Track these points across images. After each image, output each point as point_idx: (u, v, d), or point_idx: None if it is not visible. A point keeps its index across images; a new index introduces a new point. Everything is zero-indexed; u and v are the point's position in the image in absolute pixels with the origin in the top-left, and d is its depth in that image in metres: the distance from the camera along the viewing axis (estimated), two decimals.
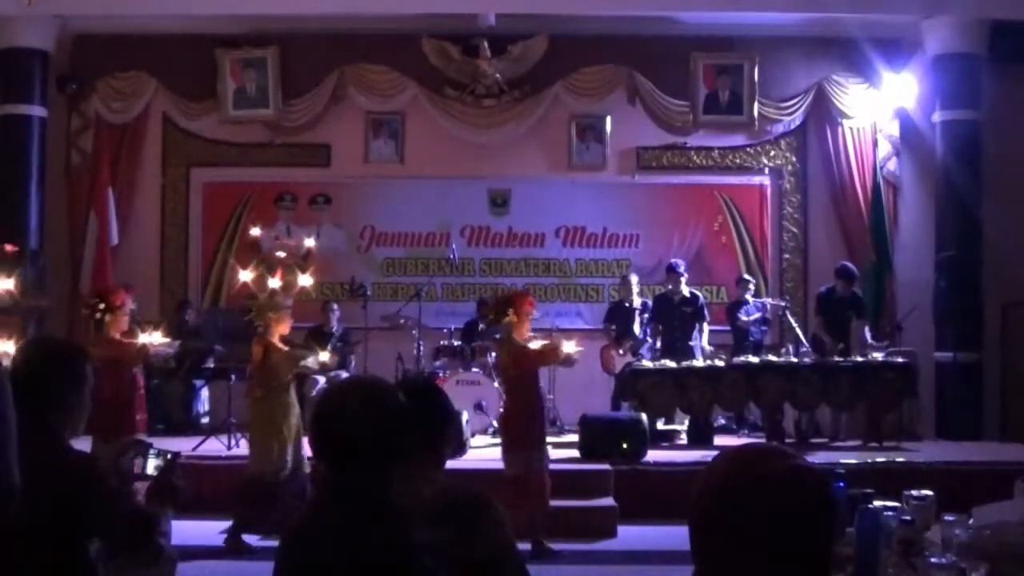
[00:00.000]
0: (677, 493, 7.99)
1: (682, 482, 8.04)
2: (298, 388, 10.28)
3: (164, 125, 12.38)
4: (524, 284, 12.27)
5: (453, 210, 12.32)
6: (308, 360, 7.87)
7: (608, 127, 12.29)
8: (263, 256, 8.08)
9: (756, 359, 10.11)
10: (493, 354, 9.62)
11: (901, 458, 9.26)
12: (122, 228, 12.09)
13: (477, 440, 9.98)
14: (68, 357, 2.89)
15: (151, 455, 2.85)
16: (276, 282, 7.78)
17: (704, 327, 10.61)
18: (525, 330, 7.37)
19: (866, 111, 12.03)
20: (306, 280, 8.01)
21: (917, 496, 3.09)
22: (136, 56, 12.02)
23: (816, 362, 9.95)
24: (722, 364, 9.94)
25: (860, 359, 9.94)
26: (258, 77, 11.94)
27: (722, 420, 10.94)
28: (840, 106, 12.06)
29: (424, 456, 2.58)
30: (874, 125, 12.08)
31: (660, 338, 10.43)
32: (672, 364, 9.86)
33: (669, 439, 10.20)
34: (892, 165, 12.11)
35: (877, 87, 11.95)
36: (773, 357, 10.24)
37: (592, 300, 12.22)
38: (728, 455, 1.67)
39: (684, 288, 10.62)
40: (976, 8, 11.22)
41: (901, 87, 11.87)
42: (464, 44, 11.97)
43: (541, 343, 7.50)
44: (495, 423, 10.57)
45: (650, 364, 9.93)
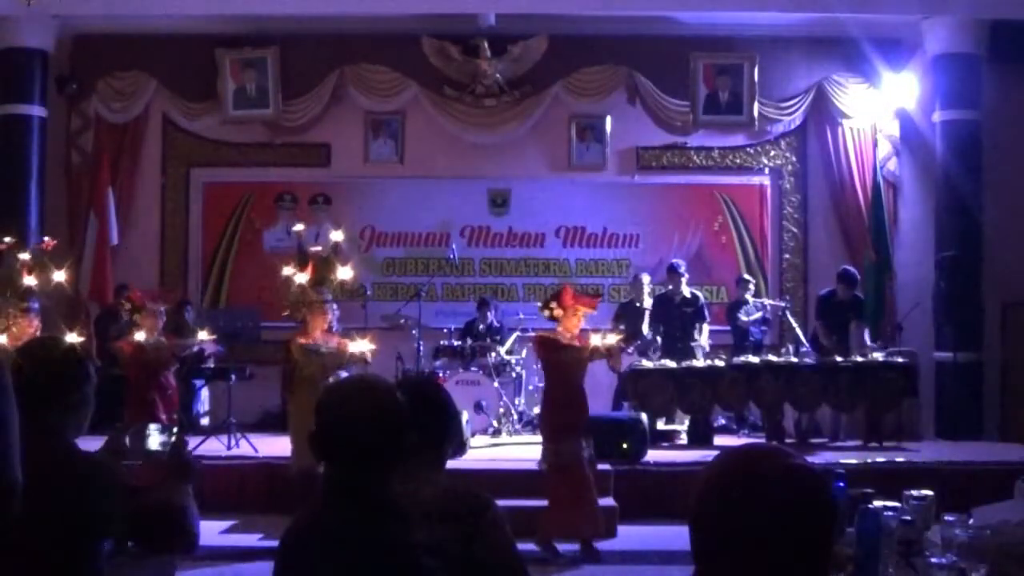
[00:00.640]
0: (677, 493, 8.06)
1: (682, 482, 8.09)
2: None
3: (164, 125, 12.38)
4: (524, 284, 12.30)
5: (453, 210, 12.32)
6: (352, 353, 7.77)
7: (608, 127, 12.29)
8: (304, 252, 8.05)
9: (756, 359, 10.12)
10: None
11: (901, 458, 9.26)
12: (122, 228, 12.09)
13: (477, 440, 9.98)
14: (71, 356, 2.90)
15: (154, 431, 2.87)
16: (303, 277, 7.77)
17: (704, 327, 10.61)
18: (572, 324, 7.40)
19: (866, 111, 12.03)
20: (346, 273, 7.93)
21: (917, 496, 3.08)
22: (136, 56, 12.03)
23: (816, 362, 9.95)
24: (722, 364, 9.95)
25: (860, 359, 9.95)
26: (258, 77, 11.94)
27: (722, 420, 10.94)
28: (840, 106, 12.06)
29: (424, 456, 2.58)
30: (874, 125, 12.08)
31: (660, 338, 10.43)
32: (672, 364, 9.87)
33: (669, 439, 10.20)
34: (892, 165, 12.12)
35: (877, 87, 11.96)
36: (773, 357, 10.24)
37: None
38: (728, 455, 1.67)
39: (684, 288, 10.62)
40: (976, 8, 11.21)
41: (901, 87, 11.88)
42: (464, 44, 11.97)
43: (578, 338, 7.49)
44: (495, 423, 10.59)
45: (650, 364, 9.93)
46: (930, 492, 3.11)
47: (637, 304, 10.84)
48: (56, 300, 8.29)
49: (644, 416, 9.38)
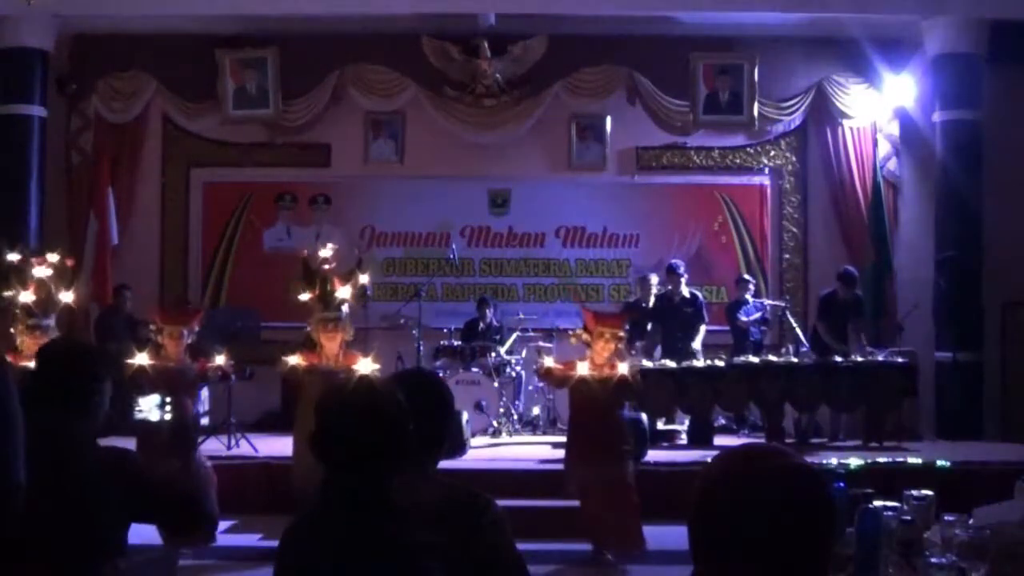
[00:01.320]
0: (677, 493, 8.03)
1: (682, 482, 8.06)
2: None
3: (164, 125, 12.39)
4: (524, 284, 12.30)
5: (453, 210, 12.32)
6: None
7: (608, 127, 12.29)
8: (312, 271, 7.93)
9: (756, 359, 10.12)
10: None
11: (901, 458, 9.26)
12: (122, 228, 12.10)
13: (477, 440, 9.98)
14: (91, 357, 2.99)
15: (152, 404, 2.99)
16: (305, 296, 7.68)
17: (702, 328, 10.60)
18: (602, 348, 7.25)
19: (866, 111, 12.03)
20: (344, 293, 7.80)
21: (917, 496, 3.08)
22: (136, 56, 12.02)
23: (816, 362, 9.96)
24: (722, 364, 9.95)
25: (860, 359, 9.95)
26: (258, 77, 11.94)
27: (722, 420, 10.93)
28: (840, 106, 12.05)
29: (424, 455, 2.58)
30: (874, 125, 12.08)
31: (660, 338, 10.43)
32: (672, 364, 9.87)
33: (669, 439, 10.20)
34: (892, 165, 12.12)
35: (877, 87, 11.95)
36: (773, 357, 10.24)
37: (592, 300, 12.18)
38: (728, 455, 1.68)
39: (684, 288, 10.62)
40: (976, 8, 11.21)
41: (901, 87, 11.87)
42: (464, 44, 11.97)
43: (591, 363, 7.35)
44: (495, 423, 10.59)
45: (650, 364, 9.93)
46: (930, 492, 3.11)
47: (644, 304, 10.82)
48: (60, 320, 8.20)
49: (644, 416, 9.38)
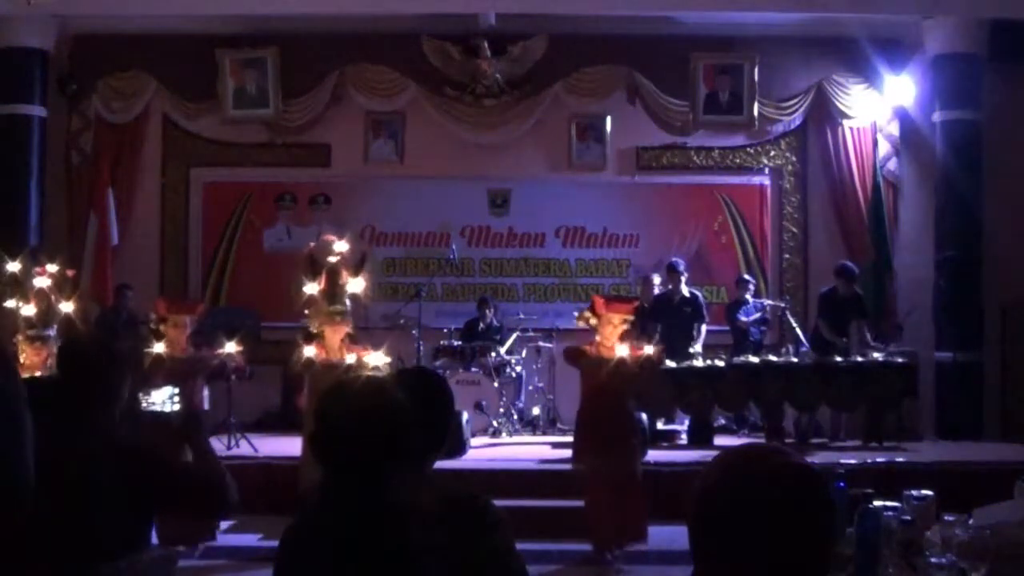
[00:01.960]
0: (677, 493, 8.05)
1: (682, 482, 8.07)
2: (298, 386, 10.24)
3: (164, 125, 12.38)
4: (524, 284, 12.30)
5: (453, 210, 12.32)
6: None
7: (608, 127, 12.28)
8: (318, 264, 7.94)
9: (756, 359, 10.11)
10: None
11: (901, 458, 9.26)
12: (122, 228, 12.10)
13: (477, 440, 9.98)
14: (112, 351, 3.05)
15: (158, 394, 3.06)
16: (313, 288, 7.67)
17: (702, 328, 10.60)
18: (607, 333, 7.29)
19: (866, 111, 12.02)
20: (357, 285, 7.81)
21: (917, 496, 3.08)
22: (136, 56, 12.02)
23: (816, 362, 9.95)
24: (722, 364, 9.95)
25: (860, 359, 9.95)
26: (258, 77, 11.93)
27: (722, 420, 10.93)
28: (840, 106, 12.05)
29: (424, 456, 2.58)
30: (874, 125, 12.07)
31: (659, 338, 10.40)
32: (672, 364, 9.86)
33: (669, 439, 10.20)
34: (892, 165, 12.11)
35: (877, 87, 11.95)
36: (773, 357, 10.24)
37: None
38: (727, 455, 1.68)
39: (684, 288, 10.61)
40: (976, 8, 11.21)
41: (901, 87, 11.87)
42: (464, 44, 11.97)
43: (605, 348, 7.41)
44: (495, 423, 10.60)
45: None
46: (930, 492, 3.11)
47: (645, 304, 10.81)
48: (62, 331, 8.20)
49: (644, 416, 9.37)
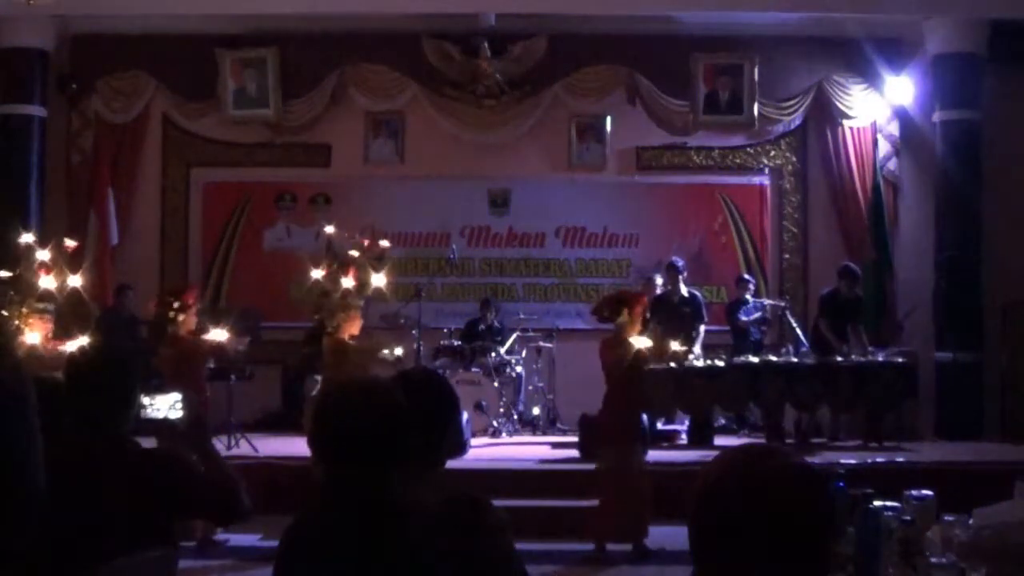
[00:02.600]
0: (677, 493, 8.04)
1: (682, 482, 8.07)
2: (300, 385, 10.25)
3: (164, 125, 12.38)
4: (524, 284, 12.29)
5: (453, 210, 12.31)
6: (384, 353, 7.83)
7: (608, 127, 12.27)
8: (336, 255, 8.00)
9: (756, 359, 10.11)
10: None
11: (901, 458, 9.26)
12: (122, 228, 12.09)
13: (477, 440, 9.98)
14: (127, 358, 3.04)
15: (163, 402, 3.06)
16: (350, 281, 7.73)
17: (701, 328, 10.59)
18: (635, 331, 7.49)
19: (866, 111, 12.02)
20: (379, 280, 7.89)
21: (917, 496, 3.08)
22: (136, 56, 12.02)
23: (816, 362, 9.95)
24: (722, 364, 9.94)
25: (860, 359, 9.95)
26: (258, 77, 11.93)
27: (722, 420, 10.93)
28: (840, 106, 12.04)
29: (425, 456, 2.58)
30: (874, 125, 12.06)
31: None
32: (672, 364, 9.85)
33: (669, 439, 10.20)
34: (892, 165, 12.11)
35: (877, 87, 11.94)
36: (773, 357, 10.23)
37: (592, 300, 12.17)
38: (727, 455, 1.68)
39: (683, 288, 10.61)
40: (976, 8, 11.21)
41: (901, 87, 11.86)
42: (464, 44, 11.96)
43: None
44: (495, 423, 10.59)
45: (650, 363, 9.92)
46: (930, 492, 3.11)
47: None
48: (68, 303, 8.25)
49: (644, 416, 9.36)
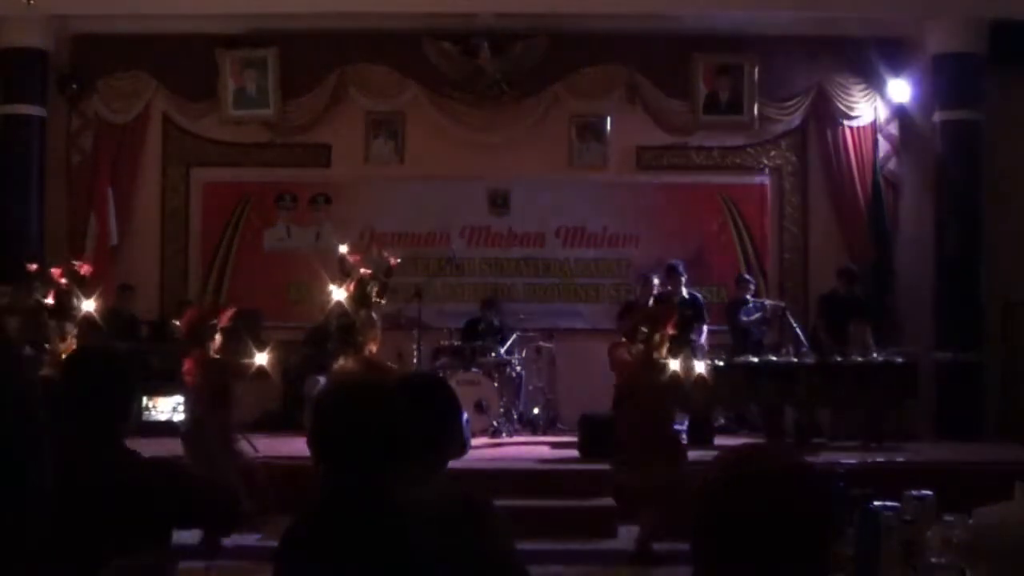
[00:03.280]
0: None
1: None
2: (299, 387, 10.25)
3: (164, 125, 12.36)
4: (524, 284, 12.28)
5: (453, 210, 12.30)
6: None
7: (608, 127, 12.27)
8: (350, 274, 8.04)
9: (756, 359, 10.11)
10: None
11: (901, 458, 9.26)
12: (122, 228, 12.09)
13: (477, 440, 9.98)
14: (125, 364, 3.01)
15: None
16: (342, 293, 7.73)
17: (704, 330, 10.59)
18: (664, 349, 7.50)
19: (866, 111, 12.02)
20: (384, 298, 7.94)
21: (917, 496, 3.08)
22: (136, 56, 12.01)
23: (816, 362, 9.94)
24: (722, 364, 9.94)
25: (860, 359, 9.95)
26: (258, 77, 11.92)
27: (722, 420, 10.93)
28: (840, 106, 12.03)
29: (425, 457, 2.58)
30: (874, 125, 12.05)
31: None
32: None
33: None
34: (892, 165, 12.10)
35: (877, 87, 11.94)
36: (773, 357, 10.23)
37: (592, 300, 12.20)
38: (727, 455, 1.68)
39: (683, 290, 10.61)
40: (976, 8, 11.22)
41: (901, 87, 11.86)
42: (464, 44, 11.95)
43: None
44: (495, 423, 10.58)
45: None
46: (930, 492, 3.11)
47: (643, 304, 10.80)
48: (82, 329, 8.23)
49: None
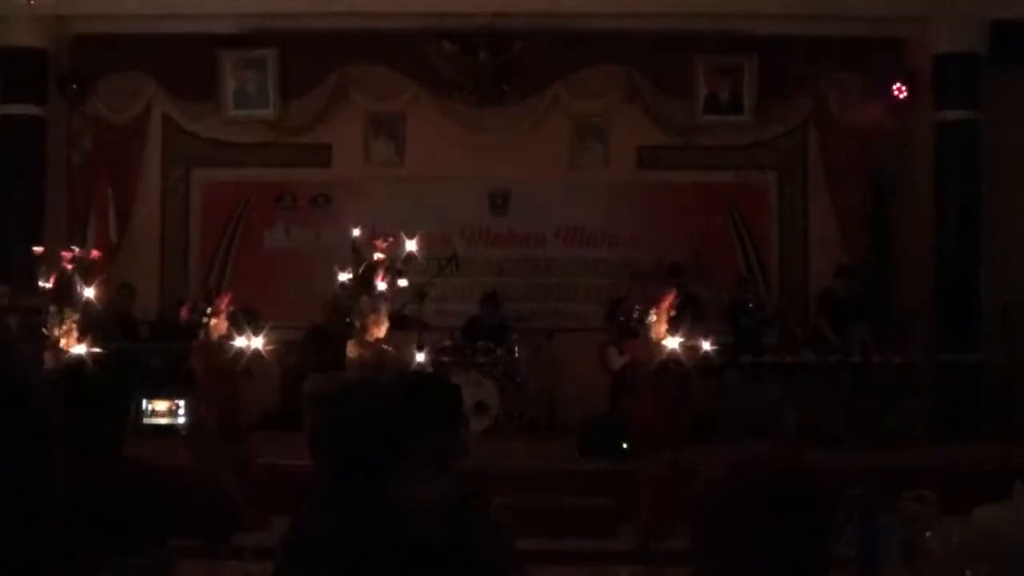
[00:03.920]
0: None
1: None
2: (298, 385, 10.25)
3: (164, 125, 12.36)
4: (524, 284, 12.28)
5: (453, 210, 12.29)
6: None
7: (608, 127, 12.26)
8: (363, 258, 8.02)
9: (756, 359, 10.10)
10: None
11: (901, 458, 9.25)
12: (122, 228, 12.09)
13: (477, 440, 9.97)
14: (123, 369, 2.99)
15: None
16: (383, 285, 7.73)
17: (704, 330, 10.57)
18: (663, 330, 7.44)
19: (866, 111, 12.00)
20: (404, 282, 7.91)
21: (917, 496, 3.08)
22: (136, 56, 12.00)
23: (816, 362, 9.95)
24: (722, 364, 9.93)
25: (860, 359, 9.95)
26: (258, 77, 11.92)
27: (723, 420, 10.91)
28: (840, 106, 12.03)
29: (426, 457, 2.58)
30: (874, 124, 12.04)
31: None
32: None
33: None
34: (892, 165, 12.09)
35: (877, 87, 11.93)
36: (773, 357, 10.23)
37: (592, 300, 12.19)
38: (728, 456, 1.67)
39: (683, 290, 10.59)
40: (976, 8, 11.22)
41: (901, 87, 11.85)
42: (464, 44, 11.95)
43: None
44: (495, 423, 10.57)
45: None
46: (930, 492, 3.11)
47: (639, 305, 10.78)
48: (84, 316, 8.23)
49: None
